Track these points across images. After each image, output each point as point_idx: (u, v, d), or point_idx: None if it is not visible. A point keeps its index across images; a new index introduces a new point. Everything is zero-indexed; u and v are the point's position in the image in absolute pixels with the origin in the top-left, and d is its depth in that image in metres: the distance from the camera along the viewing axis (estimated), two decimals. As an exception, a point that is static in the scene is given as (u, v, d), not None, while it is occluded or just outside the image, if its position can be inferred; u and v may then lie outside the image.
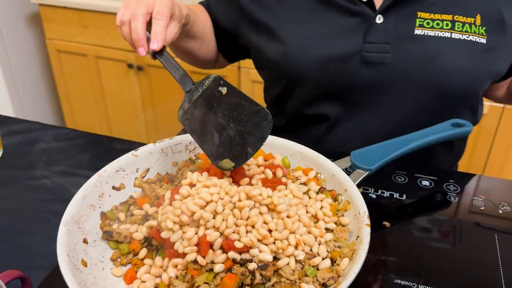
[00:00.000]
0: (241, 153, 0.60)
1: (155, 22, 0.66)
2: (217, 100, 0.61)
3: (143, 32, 0.65)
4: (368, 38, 0.81)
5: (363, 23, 0.81)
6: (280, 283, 0.53)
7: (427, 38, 0.79)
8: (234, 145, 0.60)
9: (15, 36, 2.07)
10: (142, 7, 0.66)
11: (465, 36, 0.79)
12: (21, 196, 0.79)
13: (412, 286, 0.58)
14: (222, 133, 0.61)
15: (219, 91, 0.61)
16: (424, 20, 0.79)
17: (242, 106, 0.61)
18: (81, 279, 0.52)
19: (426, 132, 0.73)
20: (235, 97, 0.61)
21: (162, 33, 0.66)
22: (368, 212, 0.58)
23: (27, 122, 1.01)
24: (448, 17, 0.79)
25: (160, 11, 0.66)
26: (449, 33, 0.79)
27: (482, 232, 0.68)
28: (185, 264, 0.54)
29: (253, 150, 0.60)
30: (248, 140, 0.60)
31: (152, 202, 0.65)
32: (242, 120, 0.61)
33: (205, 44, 0.94)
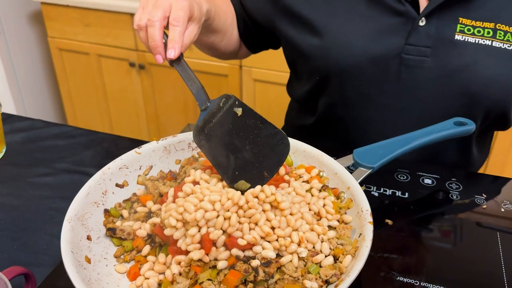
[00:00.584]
0: (257, 176, 0.59)
1: (172, 28, 0.64)
2: (233, 122, 0.60)
3: (160, 39, 0.63)
4: (410, 40, 0.79)
5: (406, 23, 0.79)
6: (283, 280, 0.53)
7: (466, 44, 0.77)
8: (250, 168, 0.59)
9: (17, 35, 2.08)
10: (159, 12, 0.63)
11: (507, 46, 0.76)
12: (24, 193, 0.80)
13: (415, 284, 0.58)
14: (237, 156, 0.59)
15: (234, 112, 0.59)
16: (465, 26, 0.77)
17: (259, 128, 0.59)
18: (85, 275, 0.52)
19: (428, 131, 0.73)
20: (251, 119, 0.59)
21: (179, 41, 0.63)
22: (370, 210, 0.58)
23: (30, 120, 1.02)
24: (490, 25, 0.77)
25: (177, 17, 0.64)
26: (490, 41, 0.77)
27: (484, 231, 0.68)
28: (189, 261, 0.55)
29: (269, 174, 0.59)
30: (264, 164, 0.59)
31: (155, 200, 0.65)
32: (259, 143, 0.59)
33: (226, 36, 0.92)
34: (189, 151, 0.72)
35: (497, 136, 1.56)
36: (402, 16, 0.79)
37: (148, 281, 0.55)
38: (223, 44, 0.92)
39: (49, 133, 0.97)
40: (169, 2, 0.65)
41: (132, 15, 1.80)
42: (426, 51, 0.79)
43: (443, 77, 0.79)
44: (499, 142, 1.57)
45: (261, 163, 0.59)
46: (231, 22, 0.92)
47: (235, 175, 0.59)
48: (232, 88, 1.80)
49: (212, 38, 0.88)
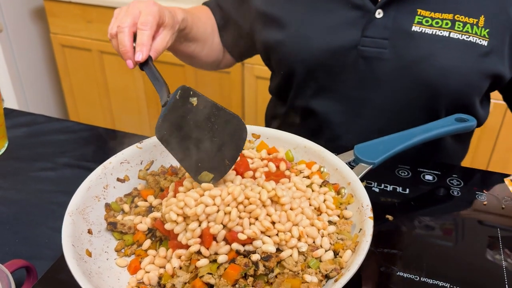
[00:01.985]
0: (219, 165, 0.59)
1: (139, 32, 0.66)
2: (190, 112, 0.59)
3: (130, 45, 0.65)
4: (366, 32, 0.80)
5: (363, 16, 0.81)
6: (283, 274, 0.53)
7: (424, 36, 0.78)
8: (212, 158, 0.59)
9: (20, 31, 2.08)
10: (128, 18, 0.66)
11: (465, 37, 0.77)
12: (26, 187, 0.80)
13: (414, 279, 0.58)
14: (198, 147, 0.59)
15: (190, 103, 0.59)
16: (423, 17, 0.78)
17: (215, 115, 0.59)
18: (85, 268, 0.52)
19: (429, 127, 0.73)
20: (207, 107, 0.59)
21: (147, 44, 0.65)
22: (371, 205, 0.58)
23: (32, 114, 1.02)
24: (449, 16, 0.77)
25: (144, 21, 0.66)
26: (447, 32, 0.77)
27: (485, 227, 0.68)
28: (189, 255, 0.55)
29: (231, 162, 0.59)
30: (225, 152, 0.59)
31: (156, 194, 0.66)
32: (217, 131, 0.59)
33: (207, 45, 0.94)
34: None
35: (500, 134, 1.55)
36: (360, 9, 0.81)
37: (149, 274, 0.55)
38: (204, 54, 0.95)
39: (51, 128, 0.97)
40: (138, 9, 0.67)
41: (134, 11, 1.80)
42: (383, 43, 0.80)
43: (401, 69, 0.80)
44: (502, 141, 1.57)
45: (221, 151, 0.59)
46: (211, 31, 0.95)
47: (198, 167, 0.59)
48: (234, 85, 1.80)
49: (192, 48, 0.90)
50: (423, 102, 0.82)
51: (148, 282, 0.55)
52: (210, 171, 0.59)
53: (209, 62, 0.99)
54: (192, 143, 0.59)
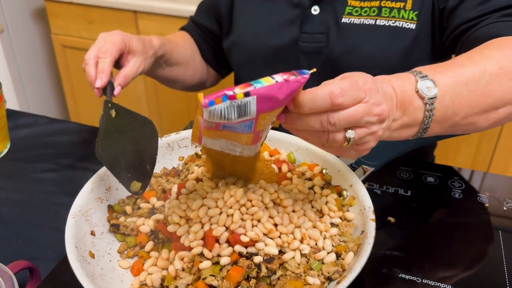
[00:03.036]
0: (143, 172, 0.60)
1: (99, 61, 0.69)
2: (112, 125, 0.60)
3: (94, 74, 0.68)
4: (304, 28, 0.82)
5: (301, 14, 0.83)
6: (286, 276, 0.54)
7: (352, 26, 0.79)
8: (137, 166, 0.60)
9: (21, 31, 2.08)
10: (93, 50, 0.70)
11: (391, 22, 0.76)
12: (29, 188, 0.80)
13: (416, 281, 0.59)
14: (125, 157, 0.60)
15: (110, 116, 0.60)
16: (353, 8, 0.79)
17: (131, 123, 0.60)
18: (88, 270, 0.53)
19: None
20: (123, 117, 0.60)
21: (106, 70, 0.68)
22: (373, 208, 0.58)
23: (34, 116, 1.02)
24: (376, 4, 0.77)
25: (105, 50, 0.70)
26: (374, 20, 0.77)
27: (487, 229, 0.68)
28: (192, 257, 0.55)
29: (151, 166, 0.61)
30: (145, 157, 0.60)
31: (159, 196, 0.66)
32: (135, 138, 0.60)
33: (190, 67, 0.97)
34: (192, 148, 0.73)
35: (501, 135, 1.55)
36: (298, 7, 0.83)
37: (152, 276, 0.55)
38: (189, 75, 0.97)
39: (53, 129, 0.97)
40: (103, 39, 0.72)
41: (135, 12, 1.80)
42: (320, 37, 0.81)
43: (332, 61, 0.81)
44: (503, 143, 1.57)
45: (143, 158, 0.60)
46: (191, 52, 0.97)
47: (128, 177, 0.59)
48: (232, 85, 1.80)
49: (176, 71, 0.93)
50: None
51: (151, 284, 0.55)
52: (138, 180, 0.60)
53: (195, 83, 1.02)
54: (121, 155, 0.60)
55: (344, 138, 0.47)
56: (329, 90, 0.45)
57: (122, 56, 0.74)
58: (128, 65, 0.74)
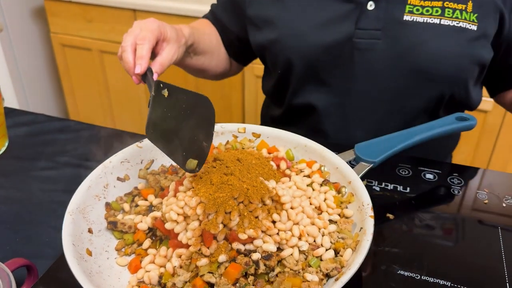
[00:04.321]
0: (199, 149, 0.60)
1: (138, 47, 0.68)
2: (165, 105, 0.60)
3: (132, 61, 0.67)
4: (360, 25, 0.81)
5: (355, 9, 0.82)
6: (284, 273, 0.53)
7: (415, 24, 0.80)
8: (192, 144, 0.60)
9: (20, 30, 2.08)
10: (129, 37, 0.69)
11: (455, 23, 0.79)
12: (27, 186, 0.80)
13: (415, 277, 0.58)
14: (179, 136, 0.60)
15: (163, 95, 0.60)
16: (414, 6, 0.80)
17: (185, 101, 0.60)
18: (86, 267, 0.52)
19: (430, 126, 0.73)
20: (177, 95, 0.60)
21: (145, 56, 0.67)
22: (372, 204, 0.58)
23: (32, 114, 1.02)
24: (438, 4, 0.79)
25: (142, 37, 0.69)
26: (438, 19, 0.79)
27: (486, 225, 0.68)
28: (189, 254, 0.55)
29: (208, 143, 0.60)
30: (200, 135, 0.60)
31: (157, 193, 0.66)
32: (190, 116, 0.60)
33: (215, 56, 0.97)
34: (191, 145, 0.72)
35: (501, 132, 1.55)
36: (352, 2, 0.82)
37: (149, 273, 0.55)
38: (213, 65, 0.97)
39: (51, 127, 0.97)
40: (139, 27, 0.71)
41: (134, 10, 1.80)
42: (376, 34, 0.81)
43: (395, 58, 0.81)
44: (502, 140, 1.57)
45: (198, 135, 0.60)
46: (216, 42, 0.98)
47: (183, 156, 0.59)
48: (234, 85, 1.80)
49: (202, 60, 0.93)
50: (418, 90, 0.84)
51: (148, 281, 0.55)
52: (194, 157, 0.59)
53: (218, 73, 1.02)
54: (174, 134, 0.60)
55: None
56: None
57: (157, 44, 0.73)
58: (163, 53, 0.72)
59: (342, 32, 0.82)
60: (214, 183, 0.55)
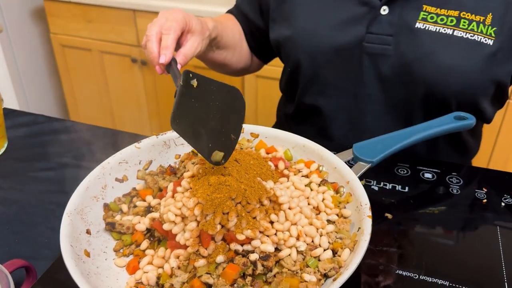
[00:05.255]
0: (226, 141, 0.59)
1: (163, 37, 0.68)
2: (193, 95, 0.59)
3: (157, 51, 0.67)
4: (371, 29, 0.80)
5: (369, 13, 0.81)
6: (282, 274, 0.53)
7: (427, 33, 0.77)
8: (219, 136, 0.59)
9: (20, 31, 2.08)
10: (154, 27, 0.68)
11: (469, 35, 0.75)
12: (26, 187, 0.80)
13: (414, 277, 0.58)
14: (206, 128, 0.59)
15: (191, 86, 0.59)
16: (428, 14, 0.77)
17: (214, 92, 0.59)
18: (84, 269, 0.52)
19: (428, 125, 0.73)
20: (206, 86, 0.59)
21: (170, 47, 0.67)
22: (370, 204, 0.58)
23: (32, 115, 1.02)
24: (455, 13, 0.76)
25: (168, 27, 0.68)
26: (451, 30, 0.76)
27: (484, 225, 0.68)
28: (187, 255, 0.55)
29: (236, 136, 0.60)
30: (229, 126, 0.59)
31: (155, 194, 0.66)
32: (218, 108, 0.59)
33: (236, 51, 0.96)
34: (189, 146, 0.72)
35: (501, 131, 1.55)
36: (366, 5, 0.81)
37: (147, 274, 0.55)
38: (235, 60, 0.96)
39: (51, 128, 0.97)
40: (165, 17, 0.70)
41: (134, 11, 1.80)
42: (388, 40, 0.80)
43: (403, 66, 0.80)
44: (503, 138, 1.56)
45: (226, 127, 0.59)
46: (239, 37, 0.97)
47: (209, 148, 0.59)
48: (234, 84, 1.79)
49: (224, 55, 0.92)
50: (424, 100, 0.82)
51: (146, 282, 0.55)
52: (220, 150, 0.59)
53: (239, 68, 1.01)
54: (201, 125, 0.59)
55: None
56: None
57: (181, 35, 0.72)
58: (187, 44, 0.72)
59: (353, 35, 0.81)
60: (212, 184, 0.55)
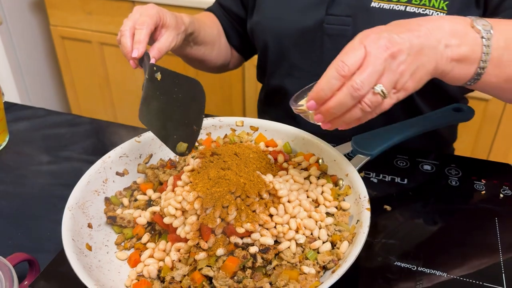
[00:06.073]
0: (189, 133, 0.61)
1: (136, 32, 0.69)
2: (158, 88, 0.60)
3: (130, 46, 0.68)
4: (330, 11, 0.82)
5: None
6: (281, 266, 0.54)
7: (382, 11, 0.78)
8: (182, 127, 0.60)
9: (19, 23, 2.07)
10: (128, 22, 0.70)
11: (421, 10, 0.76)
12: (28, 181, 0.81)
13: (412, 269, 0.59)
14: (171, 120, 0.60)
15: (156, 79, 0.60)
16: None
17: (177, 84, 0.60)
18: (86, 262, 0.53)
19: (427, 117, 0.74)
20: (169, 79, 0.60)
21: (143, 41, 0.68)
22: (368, 197, 0.58)
23: (32, 108, 1.02)
24: None
25: (141, 22, 0.69)
26: (404, 6, 0.77)
27: (483, 216, 0.68)
28: (188, 248, 0.55)
29: (198, 127, 0.61)
30: (191, 118, 0.61)
31: (155, 188, 0.66)
32: (182, 100, 0.60)
33: (215, 47, 0.97)
34: (189, 139, 0.73)
35: (501, 123, 1.55)
36: None
37: (148, 267, 0.56)
38: (214, 56, 0.98)
39: (51, 122, 0.98)
40: (139, 12, 0.72)
41: (133, 2, 1.79)
42: (346, 20, 0.81)
43: None
44: (503, 129, 1.56)
45: (189, 118, 0.61)
46: (218, 33, 0.98)
47: (174, 139, 0.60)
48: (234, 77, 1.79)
49: (202, 51, 0.93)
50: None
51: (148, 275, 0.56)
52: (184, 141, 0.60)
53: (218, 64, 1.02)
54: (166, 118, 0.60)
55: (376, 93, 0.49)
56: (334, 67, 0.50)
57: (155, 30, 0.74)
58: (161, 39, 0.73)
59: (314, 18, 0.83)
60: (212, 178, 0.56)
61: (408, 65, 0.51)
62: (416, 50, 0.52)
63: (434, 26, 0.53)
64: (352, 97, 0.49)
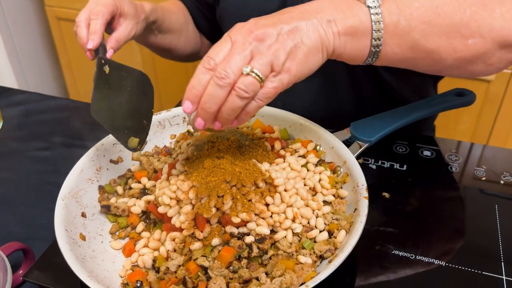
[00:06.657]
0: (140, 128, 0.59)
1: (91, 22, 0.68)
2: (106, 81, 0.59)
3: (86, 36, 0.67)
4: None
5: None
6: (277, 256, 0.53)
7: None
8: (133, 121, 0.59)
9: (14, 4, 2.04)
10: (83, 13, 0.69)
11: None
12: (22, 167, 0.80)
13: (410, 257, 0.58)
14: (121, 114, 0.59)
15: (104, 72, 0.59)
16: None
17: (125, 78, 0.59)
18: (79, 253, 0.52)
19: (427, 102, 0.72)
20: (117, 72, 0.59)
21: (98, 32, 0.67)
22: (366, 185, 0.57)
23: (26, 93, 1.01)
24: None
25: (96, 12, 0.68)
26: None
27: (483, 202, 0.67)
28: (183, 238, 0.55)
29: (148, 121, 0.60)
30: (141, 112, 0.60)
31: (150, 176, 0.65)
32: (130, 93, 0.59)
33: (182, 36, 0.95)
34: (184, 126, 0.72)
35: (503, 105, 1.53)
36: None
37: (143, 257, 0.55)
38: (181, 44, 0.95)
39: (46, 106, 0.96)
40: (95, 2, 0.70)
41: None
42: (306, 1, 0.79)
43: None
44: (504, 112, 1.55)
45: (139, 113, 0.60)
46: (184, 20, 0.95)
47: (125, 134, 0.59)
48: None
49: (169, 39, 0.91)
50: None
51: (142, 265, 0.55)
52: (135, 136, 0.59)
53: (187, 53, 1.00)
54: (116, 112, 0.59)
55: (248, 76, 0.48)
56: (201, 63, 0.49)
57: (113, 19, 0.73)
58: (120, 28, 0.72)
59: (278, 1, 0.81)
60: (206, 167, 0.55)
61: (280, 44, 0.49)
62: (288, 29, 0.50)
63: (314, 6, 0.52)
64: (219, 86, 0.48)
